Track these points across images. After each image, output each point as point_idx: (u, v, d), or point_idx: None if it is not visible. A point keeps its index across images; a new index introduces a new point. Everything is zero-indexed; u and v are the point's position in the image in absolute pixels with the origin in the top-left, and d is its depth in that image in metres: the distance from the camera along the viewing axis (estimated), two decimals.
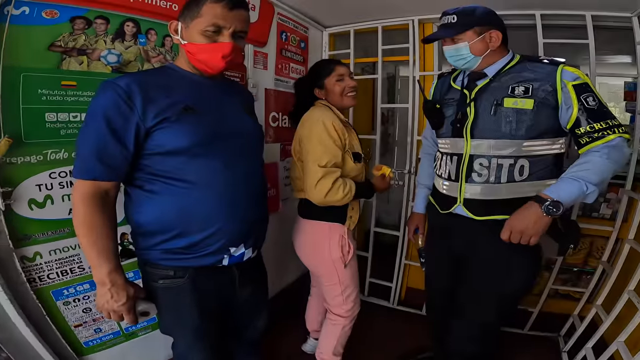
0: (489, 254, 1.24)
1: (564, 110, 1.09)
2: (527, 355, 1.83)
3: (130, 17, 1.20)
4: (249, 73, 1.64)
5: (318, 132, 1.21)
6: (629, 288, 1.42)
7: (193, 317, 0.96)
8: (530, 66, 1.15)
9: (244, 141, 0.98)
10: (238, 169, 0.94)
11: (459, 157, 1.22)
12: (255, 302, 1.15)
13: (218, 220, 0.90)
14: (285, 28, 1.88)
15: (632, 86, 1.74)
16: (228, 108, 0.97)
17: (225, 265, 0.96)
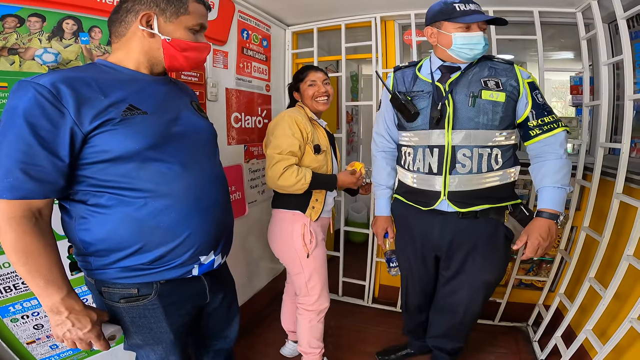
0: (477, 245, 1.29)
1: (522, 105, 1.21)
2: (499, 346, 1.87)
3: (70, 14, 1.11)
4: (208, 72, 1.58)
5: (281, 125, 1.36)
6: (589, 275, 1.47)
7: (165, 333, 0.88)
8: (491, 63, 1.25)
9: (200, 140, 0.91)
10: (198, 170, 0.86)
11: (440, 149, 1.22)
12: (225, 310, 1.09)
13: (185, 229, 0.82)
14: (247, 26, 1.83)
15: (578, 80, 1.83)
16: (177, 106, 0.89)
17: (195, 275, 0.88)
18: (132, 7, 0.80)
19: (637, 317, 1.18)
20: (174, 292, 0.87)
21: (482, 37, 1.16)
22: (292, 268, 1.47)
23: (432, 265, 1.44)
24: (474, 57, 1.20)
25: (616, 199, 1.36)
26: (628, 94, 1.31)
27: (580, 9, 1.59)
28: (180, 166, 0.82)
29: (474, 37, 1.16)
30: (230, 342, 1.15)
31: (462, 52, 1.19)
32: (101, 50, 1.20)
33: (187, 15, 0.80)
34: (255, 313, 2.07)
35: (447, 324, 1.49)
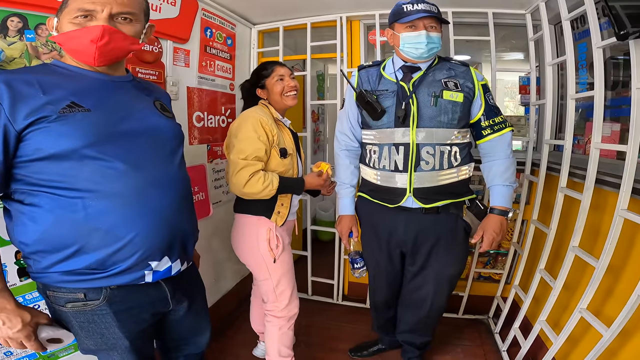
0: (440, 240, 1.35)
1: (476, 105, 1.29)
2: (465, 339, 1.93)
3: (15, 12, 1.08)
4: (167, 70, 1.56)
5: (244, 127, 1.28)
6: (539, 267, 1.53)
7: (119, 339, 0.86)
8: (450, 65, 1.31)
9: (156, 141, 0.88)
10: (150, 171, 0.83)
11: (405, 146, 1.26)
12: (194, 317, 1.07)
13: (128, 232, 0.79)
14: (210, 24, 1.82)
15: (526, 80, 1.91)
16: (133, 105, 0.87)
17: (150, 282, 0.86)
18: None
19: (585, 307, 1.24)
20: (127, 299, 0.85)
21: (425, 36, 1.20)
22: (259, 274, 1.42)
23: (398, 261, 1.47)
24: (421, 56, 1.24)
25: (560, 192, 1.43)
26: (570, 93, 1.37)
27: (529, 10, 1.66)
28: (127, 166, 0.79)
29: (418, 36, 1.21)
30: (201, 347, 1.14)
31: (409, 51, 1.25)
32: (48, 48, 1.17)
33: (68, 7, 0.78)
34: (224, 315, 2.06)
35: (415, 318, 1.53)
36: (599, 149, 1.22)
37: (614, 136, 1.41)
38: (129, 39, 0.82)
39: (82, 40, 0.77)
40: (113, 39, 0.79)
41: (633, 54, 1.06)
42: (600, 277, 1.19)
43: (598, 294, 1.23)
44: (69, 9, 0.77)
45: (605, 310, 1.27)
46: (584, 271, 1.38)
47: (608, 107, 1.44)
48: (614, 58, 1.42)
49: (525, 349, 1.56)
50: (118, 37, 0.80)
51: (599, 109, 1.21)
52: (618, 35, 1.02)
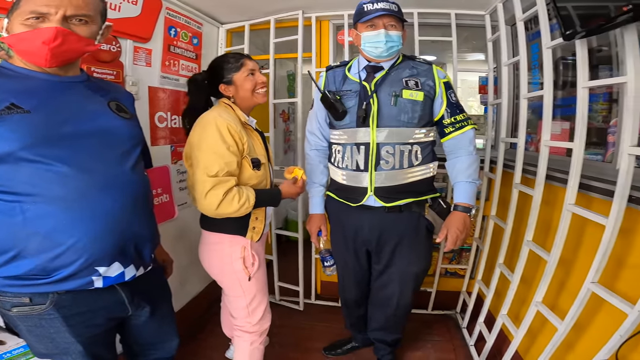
0: (403, 238, 1.36)
1: (438, 103, 1.29)
2: (434, 334, 1.96)
3: None
4: (126, 70, 1.53)
5: (210, 136, 1.09)
6: (499, 261, 1.57)
7: (72, 344, 0.84)
8: (413, 64, 1.32)
9: (107, 142, 0.85)
10: (98, 174, 0.81)
11: (366, 146, 1.27)
12: (159, 322, 1.05)
13: (69, 237, 0.77)
14: (175, 23, 1.79)
15: (485, 80, 1.96)
16: (82, 106, 0.84)
17: (102, 288, 0.84)
18: None
19: (541, 301, 1.27)
20: (77, 304, 0.83)
21: (384, 35, 1.22)
22: (231, 292, 1.32)
23: (364, 260, 1.49)
24: (380, 55, 1.26)
25: (515, 188, 1.47)
26: (523, 93, 1.41)
27: (488, 11, 1.70)
28: (70, 168, 0.77)
29: (377, 35, 1.24)
30: (170, 351, 1.12)
31: (369, 50, 1.27)
32: None
33: (19, 9, 0.76)
34: (194, 318, 2.03)
35: (383, 316, 1.54)
36: (549, 147, 1.26)
37: (564, 134, 1.46)
38: (84, 41, 0.81)
39: (34, 42, 0.76)
40: (66, 41, 0.78)
41: (579, 53, 1.09)
42: (552, 271, 1.23)
43: (552, 287, 1.27)
44: (21, 10, 0.75)
45: (560, 304, 1.31)
46: (539, 265, 1.42)
47: (559, 106, 1.50)
48: (564, 58, 1.47)
49: (490, 343, 1.59)
50: (72, 38, 0.79)
51: (548, 108, 1.25)
52: (564, 36, 1.04)
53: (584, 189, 1.16)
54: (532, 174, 1.41)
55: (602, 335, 0.99)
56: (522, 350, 1.48)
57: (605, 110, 1.35)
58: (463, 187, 1.31)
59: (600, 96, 1.36)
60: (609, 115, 1.33)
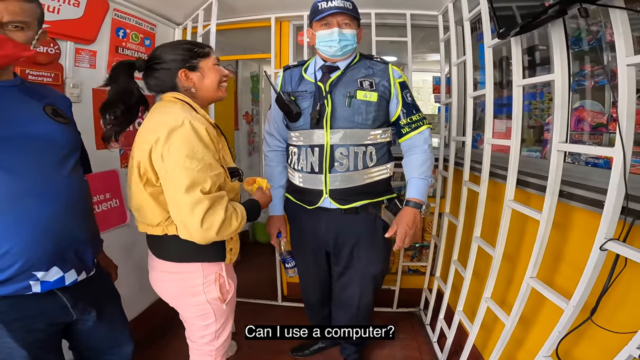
0: (360, 240, 1.34)
1: (394, 104, 1.28)
2: (400, 332, 1.95)
3: None
4: (67, 72, 1.46)
5: (192, 144, 0.87)
6: (453, 258, 1.59)
7: (14, 348, 0.82)
8: (369, 63, 1.30)
9: (41, 147, 0.84)
10: (30, 180, 0.80)
11: (320, 148, 1.26)
12: (107, 327, 1.03)
13: (4, 242, 0.77)
14: (124, 24, 1.73)
15: (438, 80, 1.98)
16: (14, 110, 0.83)
17: (40, 293, 0.83)
18: None
19: (490, 297, 1.29)
20: (16, 308, 0.82)
21: (337, 33, 1.21)
22: (199, 321, 1.11)
23: (324, 261, 1.48)
24: (335, 54, 1.24)
25: (464, 186, 1.49)
26: (469, 92, 1.44)
27: (441, 12, 1.72)
28: (3, 173, 0.76)
29: (331, 33, 1.21)
30: (125, 356, 1.11)
31: (324, 49, 1.25)
32: None
33: None
34: (155, 323, 1.97)
35: (347, 317, 1.54)
36: (491, 144, 1.28)
37: (508, 132, 1.49)
38: (19, 47, 0.80)
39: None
40: (2, 47, 0.77)
41: (514, 51, 1.11)
42: (498, 266, 1.25)
43: (500, 282, 1.29)
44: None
45: (509, 299, 1.33)
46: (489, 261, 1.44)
47: (504, 104, 1.53)
48: (509, 58, 1.49)
49: (450, 339, 1.61)
50: (7, 45, 0.78)
51: (489, 107, 1.27)
52: (499, 34, 1.06)
53: (522, 185, 1.18)
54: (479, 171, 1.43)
55: (547, 331, 1.00)
56: (479, 345, 1.50)
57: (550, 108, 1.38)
58: (415, 184, 1.30)
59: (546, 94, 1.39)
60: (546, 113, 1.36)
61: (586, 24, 1.07)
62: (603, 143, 1.09)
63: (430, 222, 1.96)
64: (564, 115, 0.95)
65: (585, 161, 1.13)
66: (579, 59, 1.17)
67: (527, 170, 1.21)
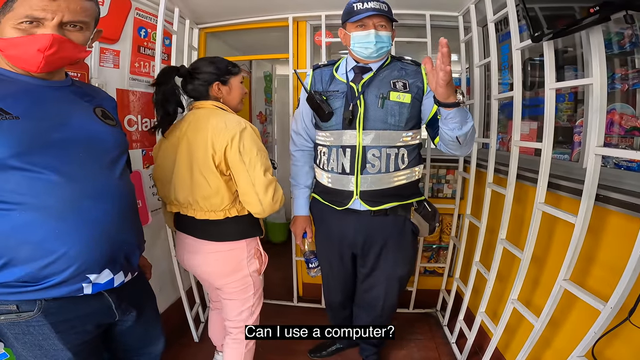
0: (388, 242, 1.34)
1: (429, 103, 1.23)
2: (417, 333, 1.97)
3: None
4: (92, 72, 1.46)
5: (254, 139, 1.12)
6: (475, 259, 1.59)
7: (61, 351, 0.83)
8: (401, 65, 1.29)
9: (95, 150, 0.84)
10: (87, 182, 0.80)
11: (352, 149, 1.24)
12: (144, 327, 1.04)
13: (61, 245, 0.76)
14: (145, 24, 1.73)
15: (457, 81, 1.98)
16: (69, 112, 0.82)
17: (90, 294, 0.83)
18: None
19: (516, 298, 1.29)
20: (66, 310, 0.82)
21: (374, 35, 1.18)
22: (241, 295, 1.28)
23: (349, 263, 1.48)
24: (370, 56, 1.23)
25: (488, 188, 1.49)
26: (494, 94, 1.43)
27: (461, 12, 1.72)
28: (60, 177, 0.76)
29: (367, 35, 1.19)
30: (154, 358, 1.12)
31: (359, 51, 1.24)
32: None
33: (12, 12, 0.72)
34: (173, 325, 1.97)
35: (369, 318, 1.53)
36: (519, 147, 1.28)
37: (532, 134, 1.50)
38: (78, 47, 0.79)
39: (28, 49, 0.73)
40: (62, 48, 0.76)
41: (546, 54, 1.11)
42: (526, 268, 1.25)
43: (527, 284, 1.29)
44: (14, 13, 0.72)
45: (536, 301, 1.34)
46: (513, 263, 1.45)
47: (527, 106, 1.53)
48: (532, 59, 1.50)
49: (470, 340, 1.62)
50: (67, 46, 0.77)
51: (518, 109, 1.27)
52: (533, 37, 1.06)
53: (552, 188, 1.18)
54: (503, 173, 1.43)
55: (578, 332, 1.01)
56: (501, 346, 1.51)
57: (570, 109, 1.38)
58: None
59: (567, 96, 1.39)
60: (574, 115, 1.36)
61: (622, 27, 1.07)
62: (634, 146, 1.09)
63: (449, 223, 1.96)
64: (602, 119, 0.95)
65: (616, 164, 1.13)
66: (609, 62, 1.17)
67: (556, 172, 1.21)
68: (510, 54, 1.31)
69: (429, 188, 1.93)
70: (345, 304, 1.62)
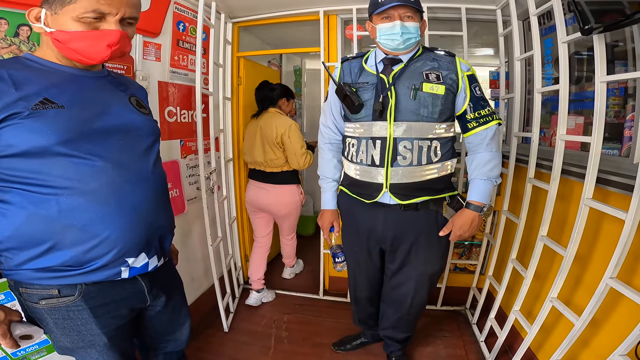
0: (419, 237, 1.31)
1: (461, 97, 1.22)
2: (444, 330, 1.95)
3: None
4: (137, 65, 1.52)
5: (295, 130, 2.00)
6: (511, 257, 1.56)
7: (97, 336, 0.86)
8: (434, 56, 1.25)
9: (132, 137, 0.87)
10: (127, 168, 0.83)
11: (382, 141, 1.22)
12: (172, 312, 1.06)
13: (104, 229, 0.79)
14: (183, 18, 1.78)
15: (496, 75, 1.94)
16: (108, 101, 0.86)
17: (126, 279, 0.86)
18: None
19: (556, 297, 1.26)
20: (104, 294, 0.85)
21: (399, 26, 1.15)
22: (293, 214, 2.20)
23: (377, 258, 1.45)
24: (397, 48, 1.20)
25: (529, 183, 1.46)
26: (537, 87, 1.40)
27: (500, 6, 1.68)
28: (103, 162, 0.79)
29: (392, 26, 1.16)
30: (181, 344, 1.14)
31: (385, 43, 1.20)
32: (7, 43, 1.12)
33: (74, 4, 0.75)
34: (204, 314, 2.03)
35: (396, 315, 1.51)
36: (564, 141, 1.25)
37: (577, 128, 1.45)
38: (130, 42, 0.84)
39: (97, 43, 0.77)
40: (124, 44, 0.81)
41: (597, 47, 1.08)
42: (568, 266, 1.22)
43: (568, 283, 1.26)
44: (77, 5, 0.75)
45: (576, 299, 1.31)
46: (553, 260, 1.41)
47: (572, 100, 1.48)
48: (578, 53, 1.46)
49: (501, 339, 1.59)
50: (127, 41, 0.82)
51: (564, 102, 1.23)
52: (583, 30, 1.03)
53: (601, 183, 1.15)
54: (545, 168, 1.40)
55: (619, 331, 0.98)
56: (534, 346, 1.48)
57: (618, 105, 1.34)
58: (477, 185, 1.25)
59: (617, 91, 1.35)
60: (621, 111, 1.32)
61: None
62: None
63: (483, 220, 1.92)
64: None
65: None
66: None
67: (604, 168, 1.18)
68: (554, 48, 1.27)
69: (463, 183, 1.91)
70: (372, 300, 1.60)
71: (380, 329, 1.63)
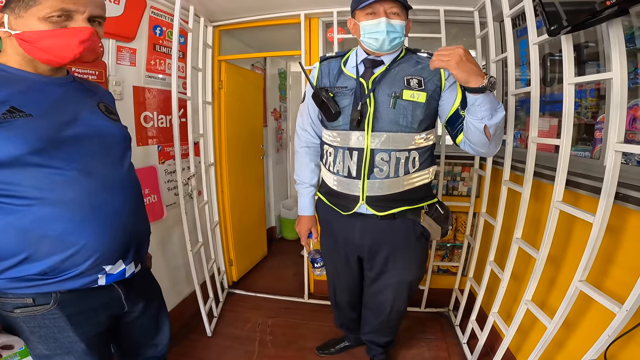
0: (396, 246, 1.27)
1: (449, 98, 1.12)
2: (427, 332, 1.95)
3: None
4: (110, 70, 1.50)
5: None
6: (489, 259, 1.56)
7: (75, 342, 0.85)
8: (417, 58, 1.17)
9: (103, 145, 0.86)
10: (101, 176, 0.82)
11: (359, 152, 1.15)
12: (151, 318, 1.06)
13: (80, 238, 0.78)
14: (160, 22, 1.77)
15: None
16: (76, 109, 0.84)
17: (103, 286, 0.85)
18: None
19: (530, 299, 1.26)
20: (80, 302, 0.84)
21: (385, 24, 1.05)
22: None
23: (356, 265, 1.42)
24: (382, 48, 1.11)
25: (504, 185, 1.46)
26: (510, 90, 1.40)
27: (477, 7, 1.68)
28: (76, 172, 0.78)
29: (378, 24, 1.06)
30: (161, 349, 1.13)
31: (369, 42, 1.11)
32: None
33: (39, 5, 0.74)
34: (186, 319, 2.01)
35: (377, 321, 1.50)
36: (536, 143, 1.25)
37: (552, 130, 1.45)
38: (100, 42, 0.82)
39: (68, 40, 0.76)
40: (95, 41, 0.79)
41: (565, 49, 1.08)
42: (541, 269, 1.21)
43: (542, 285, 1.26)
44: (42, 6, 0.73)
45: (550, 301, 1.30)
46: (529, 263, 1.41)
47: (547, 102, 1.49)
48: (552, 55, 1.45)
49: (482, 341, 1.59)
50: (97, 39, 0.80)
51: (535, 104, 1.23)
52: (549, 31, 1.02)
53: (571, 186, 1.15)
54: (520, 170, 1.40)
55: (592, 334, 0.98)
56: (513, 347, 1.48)
57: (595, 106, 1.34)
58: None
59: (588, 92, 1.35)
60: (598, 112, 1.31)
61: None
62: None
63: (464, 222, 1.93)
64: (622, 115, 0.92)
65: (638, 161, 1.09)
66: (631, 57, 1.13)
67: (575, 170, 1.18)
68: (528, 49, 1.27)
69: (444, 185, 1.90)
70: (354, 305, 1.57)
71: (362, 334, 1.62)
